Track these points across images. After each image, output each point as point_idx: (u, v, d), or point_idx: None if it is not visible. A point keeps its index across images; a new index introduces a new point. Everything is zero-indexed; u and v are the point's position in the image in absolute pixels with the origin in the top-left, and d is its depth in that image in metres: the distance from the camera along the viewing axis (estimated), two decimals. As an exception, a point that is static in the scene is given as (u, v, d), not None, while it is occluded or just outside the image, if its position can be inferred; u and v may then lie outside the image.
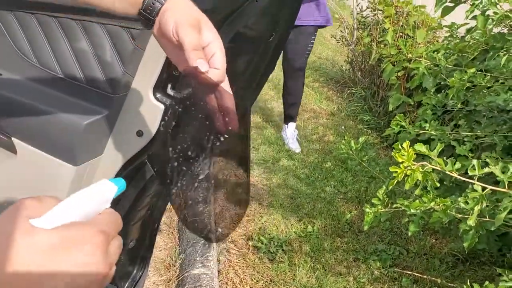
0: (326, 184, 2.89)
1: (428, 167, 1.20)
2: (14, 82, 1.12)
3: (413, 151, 1.20)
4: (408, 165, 1.19)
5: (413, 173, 1.19)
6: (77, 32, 1.03)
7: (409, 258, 2.30)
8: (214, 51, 0.61)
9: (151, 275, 2.04)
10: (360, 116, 4.11)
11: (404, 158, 1.20)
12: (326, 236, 2.39)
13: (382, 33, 3.96)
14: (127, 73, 1.04)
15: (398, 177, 1.21)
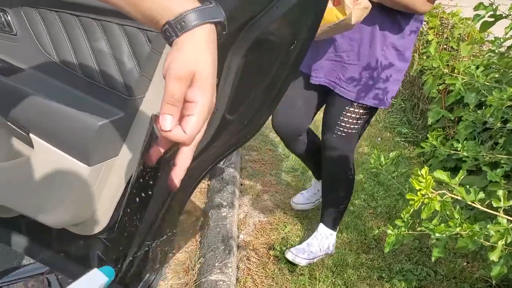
0: (356, 197, 2.81)
1: (447, 197, 1.13)
2: (34, 78, 1.13)
3: (432, 178, 1.13)
4: (426, 193, 1.12)
5: (431, 202, 1.12)
6: (96, 32, 1.03)
7: (436, 280, 2.20)
8: (193, 113, 0.57)
9: (170, 277, 2.03)
10: (398, 129, 3.99)
11: (421, 185, 1.13)
12: (351, 251, 2.31)
13: (426, 44, 3.83)
14: (143, 75, 1.02)
15: (414, 206, 1.14)
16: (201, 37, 0.57)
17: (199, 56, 0.56)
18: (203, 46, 0.57)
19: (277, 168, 3.04)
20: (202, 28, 0.57)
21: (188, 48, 0.56)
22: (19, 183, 1.22)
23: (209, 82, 0.57)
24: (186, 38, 0.57)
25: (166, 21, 0.57)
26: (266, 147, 3.29)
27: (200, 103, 0.57)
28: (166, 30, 0.57)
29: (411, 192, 1.17)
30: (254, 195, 2.70)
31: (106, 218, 1.28)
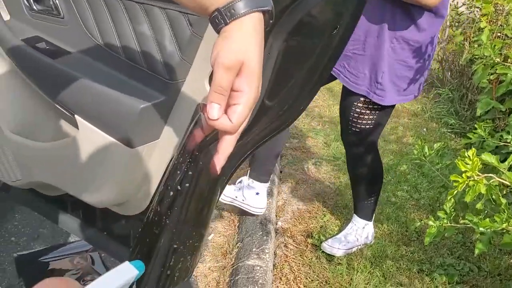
0: (398, 188, 2.75)
1: (494, 180, 1.08)
2: (80, 61, 1.16)
3: (479, 161, 1.08)
4: (471, 175, 1.07)
5: (476, 185, 1.07)
6: (139, 15, 1.04)
7: (480, 276, 2.13)
8: (239, 102, 0.56)
9: (208, 259, 2.06)
10: (444, 119, 3.86)
11: (467, 167, 1.08)
12: (391, 242, 2.27)
13: (478, 32, 3.67)
14: (184, 60, 1.03)
15: (458, 188, 1.10)
16: (250, 25, 0.56)
17: (247, 46, 0.56)
18: (251, 35, 0.57)
19: (318, 156, 3.01)
20: (251, 17, 0.56)
21: (237, 37, 0.56)
22: (64, 163, 1.26)
23: (257, 72, 0.57)
24: (234, 26, 0.56)
25: (216, 8, 0.56)
26: (308, 134, 3.26)
27: (246, 92, 0.56)
28: (215, 17, 0.56)
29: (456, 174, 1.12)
30: (293, 183, 2.69)
31: (147, 199, 1.30)
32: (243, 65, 0.55)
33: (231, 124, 0.56)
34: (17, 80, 1.28)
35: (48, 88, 1.25)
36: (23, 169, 1.38)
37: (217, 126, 0.56)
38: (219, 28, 0.57)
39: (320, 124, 3.44)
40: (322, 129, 3.38)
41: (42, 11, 1.23)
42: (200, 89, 1.02)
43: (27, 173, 1.38)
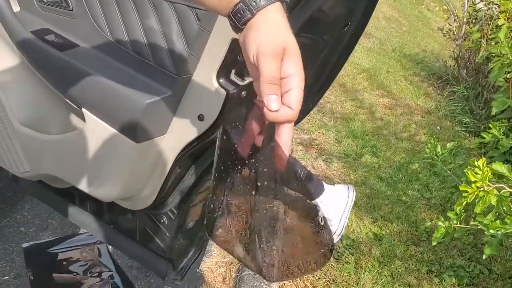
0: (409, 187, 2.72)
1: (505, 191, 1.05)
2: (88, 54, 1.16)
3: (489, 170, 1.05)
4: (482, 185, 1.04)
5: (486, 195, 1.04)
6: (147, 9, 1.02)
7: (490, 279, 2.09)
8: (292, 86, 0.55)
9: (215, 255, 2.05)
10: (459, 118, 3.80)
11: (477, 177, 1.05)
12: (400, 242, 2.24)
13: (495, 29, 3.59)
14: (191, 54, 1.01)
15: (468, 198, 1.07)
16: (276, 14, 0.56)
17: (282, 31, 0.56)
18: (281, 22, 0.56)
19: (328, 153, 2.99)
20: (274, 5, 0.56)
21: (269, 26, 0.55)
22: (71, 156, 1.26)
23: (298, 53, 0.56)
24: (261, 16, 0.55)
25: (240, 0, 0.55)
26: (319, 130, 3.23)
27: (295, 75, 0.55)
28: (239, 9, 0.56)
29: (466, 184, 1.10)
30: (303, 179, 2.66)
31: (153, 194, 1.30)
32: (285, 49, 0.55)
33: (292, 111, 0.55)
34: (26, 72, 1.27)
35: (56, 81, 1.24)
36: (32, 161, 1.38)
37: (279, 117, 0.55)
38: (245, 20, 0.56)
39: (332, 120, 3.41)
40: (334, 125, 3.34)
41: (51, 3, 1.22)
42: (208, 84, 1.01)
43: (35, 165, 1.38)
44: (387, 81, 4.36)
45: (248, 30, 0.56)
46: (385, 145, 3.18)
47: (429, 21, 7.32)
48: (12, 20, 1.19)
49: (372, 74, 4.42)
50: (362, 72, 4.42)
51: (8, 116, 1.30)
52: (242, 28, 0.57)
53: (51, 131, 1.33)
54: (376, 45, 5.32)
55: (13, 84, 1.30)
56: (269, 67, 0.53)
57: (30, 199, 2.12)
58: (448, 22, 4.60)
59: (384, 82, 4.32)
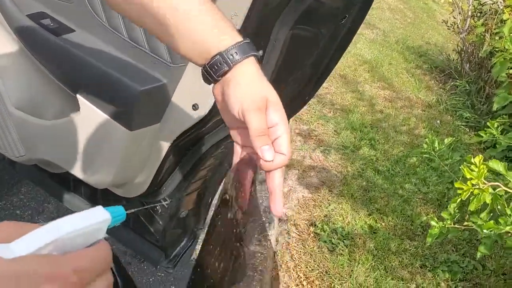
0: (406, 181, 2.71)
1: (500, 190, 1.04)
2: (84, 40, 1.14)
3: (485, 168, 1.04)
4: (477, 183, 1.03)
5: (481, 193, 1.04)
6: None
7: (483, 275, 2.10)
8: (280, 133, 0.56)
9: (210, 243, 2.06)
10: (459, 112, 3.79)
11: (473, 174, 1.04)
12: (395, 236, 2.25)
13: (500, 24, 3.56)
14: (187, 43, 1.00)
15: (462, 196, 1.06)
16: (252, 66, 0.57)
17: (262, 83, 0.57)
18: (258, 73, 0.58)
19: (327, 144, 2.98)
20: (249, 60, 0.57)
21: (248, 79, 0.57)
22: (65, 141, 1.25)
23: (279, 102, 0.58)
24: (239, 70, 0.57)
25: (218, 51, 0.56)
26: (318, 121, 3.22)
27: (281, 123, 0.57)
28: (216, 61, 0.56)
29: (461, 181, 1.09)
30: (300, 170, 2.66)
31: (147, 182, 1.29)
32: (267, 101, 0.56)
33: (285, 157, 0.57)
34: (22, 56, 1.26)
35: (51, 66, 1.23)
36: (26, 146, 1.37)
37: (275, 165, 0.56)
38: (222, 72, 0.57)
39: (331, 112, 3.40)
40: (333, 116, 3.33)
41: (48, -14, 1.21)
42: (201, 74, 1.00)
43: (30, 150, 1.38)
44: (389, 73, 4.33)
45: (226, 83, 0.57)
46: (384, 138, 3.17)
47: (434, 13, 7.25)
48: (11, 7, 1.17)
49: (374, 66, 4.39)
50: (363, 64, 4.39)
51: (4, 99, 1.29)
52: (218, 80, 0.58)
53: (46, 116, 1.32)
54: (380, 37, 5.28)
55: (9, 68, 1.29)
56: (257, 121, 0.55)
57: (26, 182, 2.12)
58: (453, 15, 4.56)
59: (385, 74, 4.29)
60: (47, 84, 1.29)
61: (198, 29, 0.58)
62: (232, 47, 0.57)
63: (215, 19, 0.58)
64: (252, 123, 0.54)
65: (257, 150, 0.55)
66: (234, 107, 0.56)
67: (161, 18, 0.59)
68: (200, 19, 0.58)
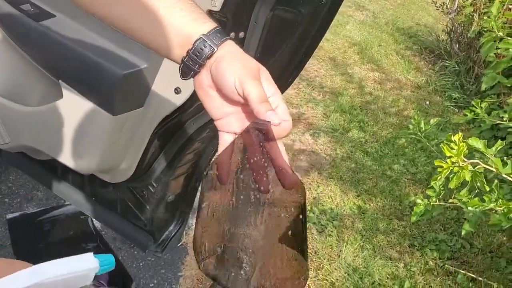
0: (395, 162, 2.73)
1: (479, 167, 1.05)
2: (64, 25, 1.13)
3: (465, 146, 1.05)
4: (457, 161, 1.05)
5: (461, 171, 1.05)
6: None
7: (471, 253, 2.13)
8: (277, 103, 0.57)
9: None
10: (449, 92, 3.79)
11: (453, 152, 1.05)
12: (383, 216, 2.27)
13: (488, 3, 3.56)
14: (167, 26, 1.00)
15: (442, 174, 1.08)
16: (235, 46, 0.59)
17: (250, 57, 0.58)
18: (242, 51, 0.59)
19: (316, 127, 2.99)
20: (230, 41, 0.59)
21: (239, 54, 0.57)
22: (50, 128, 1.25)
23: (269, 74, 0.58)
24: (227, 49, 0.57)
25: (201, 34, 0.57)
26: (307, 105, 3.22)
27: (276, 92, 0.57)
28: (201, 43, 0.56)
29: (441, 160, 1.10)
30: (289, 153, 2.67)
31: (132, 167, 1.30)
32: (259, 71, 0.57)
33: (289, 122, 0.56)
34: (4, 43, 1.25)
35: (33, 51, 1.22)
36: (11, 133, 1.37)
37: (283, 130, 0.56)
38: (207, 55, 0.56)
39: (321, 95, 3.40)
40: (322, 99, 3.33)
41: (27, -30, 1.19)
42: None
43: (15, 137, 1.37)
44: (378, 55, 4.33)
45: (217, 64, 0.56)
46: (373, 120, 3.18)
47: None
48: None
49: (364, 48, 4.38)
50: (353, 46, 4.38)
51: (-15, 86, 1.28)
52: (203, 63, 0.57)
53: (29, 102, 1.31)
54: (369, 18, 5.26)
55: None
56: (258, 89, 0.54)
57: (15, 170, 2.11)
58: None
59: (375, 56, 4.28)
60: (30, 70, 1.28)
61: (177, 19, 0.58)
62: (213, 29, 0.57)
63: (192, 10, 0.59)
64: (253, 91, 0.54)
65: (264, 116, 0.54)
66: (229, 81, 0.55)
67: (138, 14, 0.58)
68: (177, 10, 0.58)
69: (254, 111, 0.54)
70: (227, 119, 0.59)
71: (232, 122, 0.59)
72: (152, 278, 1.75)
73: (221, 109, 0.59)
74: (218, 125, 0.60)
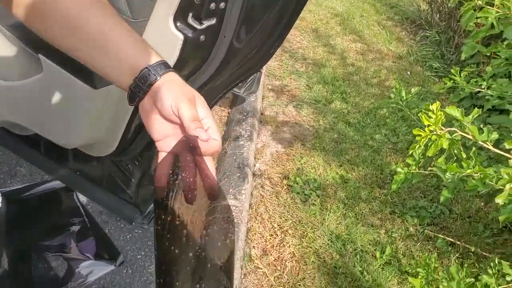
0: (377, 132, 2.77)
1: (457, 135, 1.08)
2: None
3: (442, 114, 1.08)
4: (434, 129, 1.07)
5: (438, 139, 1.08)
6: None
7: (450, 219, 2.20)
8: (209, 125, 0.65)
9: (185, 200, 2.09)
10: (429, 62, 3.83)
11: (431, 121, 1.08)
12: (365, 185, 2.32)
13: (469, -28, 3.56)
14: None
15: (420, 142, 1.11)
16: (178, 76, 0.66)
17: (187, 85, 0.66)
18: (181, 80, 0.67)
19: (299, 99, 3.00)
20: (172, 71, 0.66)
21: (177, 83, 0.65)
22: (31, 102, 1.24)
23: (204, 101, 0.66)
24: (169, 78, 0.64)
25: (146, 65, 0.64)
26: (290, 76, 3.23)
27: (208, 117, 0.65)
28: (146, 73, 0.64)
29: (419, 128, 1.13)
30: (273, 125, 2.69)
31: (116, 141, 1.30)
32: (194, 97, 0.64)
33: (218, 142, 0.64)
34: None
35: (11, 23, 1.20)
36: (-9, 108, 1.35)
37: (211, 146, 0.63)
38: (151, 82, 0.64)
39: (304, 66, 3.40)
40: (305, 71, 3.34)
41: None
42: (164, 28, 0.99)
43: (-5, 112, 1.36)
44: (360, 25, 4.32)
45: (157, 90, 0.63)
46: (355, 91, 3.20)
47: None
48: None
49: (346, 19, 4.37)
50: (335, 17, 4.37)
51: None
52: (146, 90, 0.64)
53: (10, 77, 1.29)
54: (351, -11, 5.23)
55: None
56: (191, 110, 0.62)
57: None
58: (423, -35, 4.53)
59: (357, 26, 4.28)
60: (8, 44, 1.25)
61: (128, 48, 0.65)
62: (158, 62, 0.65)
63: (144, 43, 0.67)
64: (186, 112, 0.61)
65: (193, 132, 0.61)
66: (168, 104, 0.62)
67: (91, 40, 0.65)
68: (130, 41, 0.66)
69: (186, 128, 0.61)
70: (166, 140, 0.65)
71: (171, 143, 0.65)
72: (140, 250, 1.78)
73: (161, 131, 0.65)
74: (158, 145, 0.66)
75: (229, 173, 2.18)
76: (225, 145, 2.39)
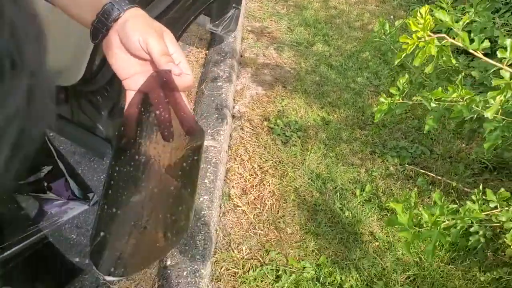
0: (359, 75, 2.71)
1: (446, 41, 1.02)
2: None
3: (432, 20, 1.02)
4: (422, 36, 1.01)
5: (426, 46, 1.02)
6: None
7: (431, 159, 2.19)
8: (180, 59, 0.62)
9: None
10: (413, 7, 3.73)
11: (419, 27, 1.02)
12: (346, 126, 2.28)
13: None
14: None
15: (407, 49, 1.04)
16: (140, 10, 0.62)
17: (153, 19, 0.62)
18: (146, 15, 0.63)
19: (280, 41, 2.91)
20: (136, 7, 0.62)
21: (142, 18, 0.61)
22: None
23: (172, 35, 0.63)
24: (133, 13, 0.61)
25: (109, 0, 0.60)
26: (271, 18, 3.12)
27: (177, 51, 0.61)
28: (109, 7, 0.60)
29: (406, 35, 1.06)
30: (253, 67, 2.61)
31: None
32: (162, 31, 0.61)
33: (190, 76, 0.61)
34: None
35: None
36: None
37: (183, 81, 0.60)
38: (115, 17, 0.60)
39: (285, 8, 3.29)
40: (286, 13, 3.23)
41: None
42: None
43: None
44: (344, -31, 4.18)
45: (122, 24, 0.60)
46: (338, 34, 3.12)
47: None
48: None
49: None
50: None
51: None
52: (110, 25, 0.60)
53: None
54: None
55: None
56: (160, 45, 0.58)
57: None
58: None
59: (340, -30, 4.14)
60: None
61: None
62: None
63: None
64: (155, 46, 0.58)
65: (164, 66, 0.58)
66: (135, 39, 0.58)
67: None
68: None
69: (156, 63, 0.58)
70: (134, 78, 0.62)
71: (139, 81, 0.61)
72: (115, 190, 1.73)
73: (128, 69, 0.61)
74: (125, 84, 0.62)
75: (206, 114, 2.11)
76: (202, 86, 2.31)
